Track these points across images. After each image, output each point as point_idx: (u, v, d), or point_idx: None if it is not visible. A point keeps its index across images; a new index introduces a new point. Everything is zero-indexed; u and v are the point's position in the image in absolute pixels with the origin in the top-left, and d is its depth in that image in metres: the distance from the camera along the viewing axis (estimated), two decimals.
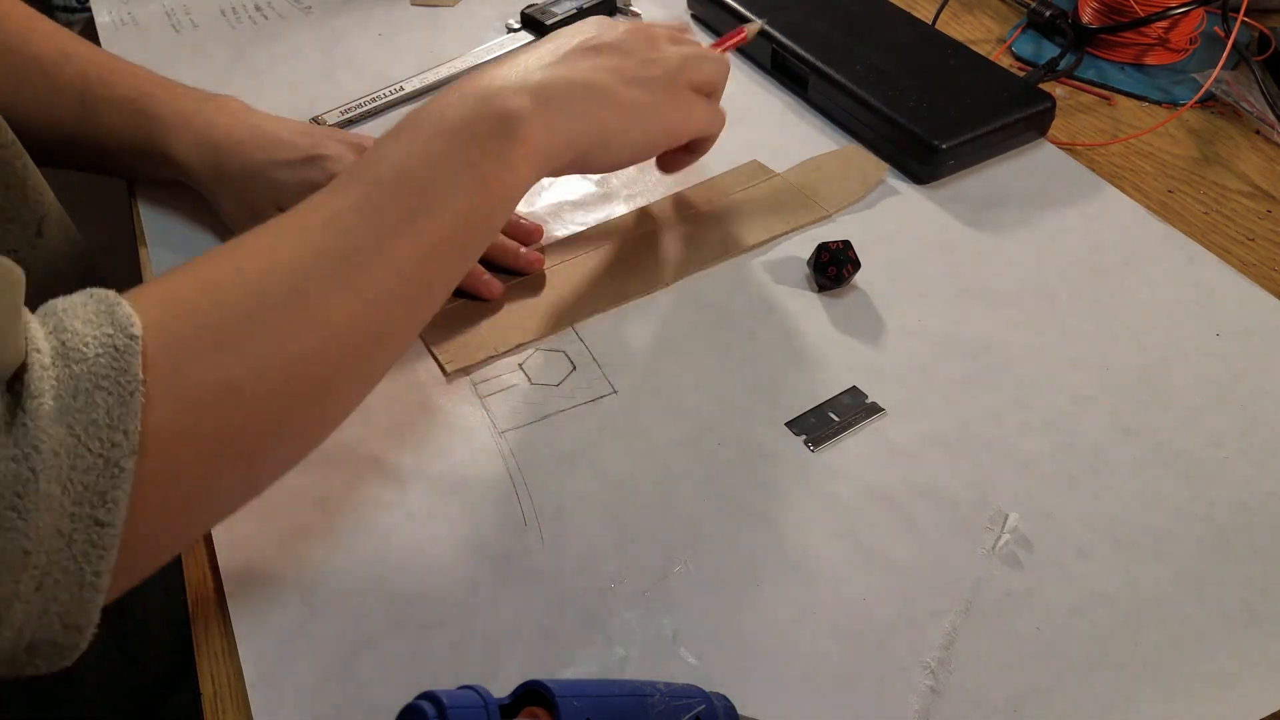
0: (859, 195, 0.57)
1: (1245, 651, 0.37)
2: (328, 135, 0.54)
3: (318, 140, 0.53)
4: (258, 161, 0.52)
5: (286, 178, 0.52)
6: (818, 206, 0.56)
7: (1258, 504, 0.42)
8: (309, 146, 0.53)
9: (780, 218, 0.56)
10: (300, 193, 0.49)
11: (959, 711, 0.36)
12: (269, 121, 0.55)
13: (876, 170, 0.58)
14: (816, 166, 0.59)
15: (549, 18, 0.71)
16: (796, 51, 0.64)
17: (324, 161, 0.52)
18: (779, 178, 0.58)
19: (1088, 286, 0.52)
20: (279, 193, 0.52)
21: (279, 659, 0.37)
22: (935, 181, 0.58)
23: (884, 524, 0.41)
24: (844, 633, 0.38)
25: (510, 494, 0.43)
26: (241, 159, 0.53)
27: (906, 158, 0.59)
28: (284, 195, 0.51)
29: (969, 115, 0.58)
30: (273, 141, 0.53)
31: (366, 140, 0.55)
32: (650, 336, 0.50)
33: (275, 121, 0.55)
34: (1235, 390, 0.46)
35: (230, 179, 0.53)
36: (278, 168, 0.52)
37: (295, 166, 0.52)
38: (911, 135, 0.57)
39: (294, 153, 0.52)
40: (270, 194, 0.52)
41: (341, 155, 0.53)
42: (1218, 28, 0.68)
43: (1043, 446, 0.44)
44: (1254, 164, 0.60)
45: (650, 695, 0.30)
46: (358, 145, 0.54)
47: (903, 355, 0.48)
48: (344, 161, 0.52)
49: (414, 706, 0.28)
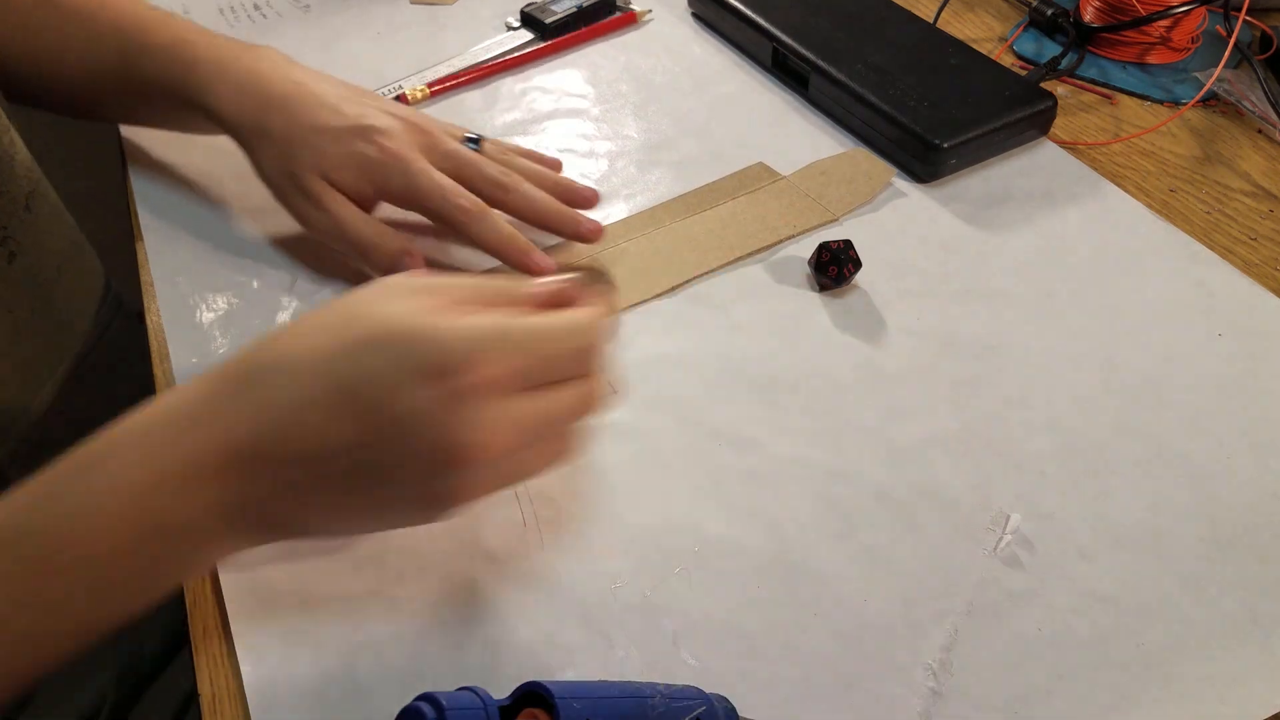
0: (866, 198, 0.57)
1: (1246, 652, 0.37)
2: (375, 102, 0.51)
3: (365, 108, 0.50)
4: (302, 124, 0.49)
5: (331, 147, 0.49)
6: (824, 210, 0.56)
7: (1259, 504, 0.42)
8: (356, 115, 0.49)
9: (786, 221, 0.55)
10: (345, 164, 0.48)
11: (960, 712, 0.36)
12: (312, 77, 0.51)
13: (883, 174, 0.58)
14: (822, 170, 0.59)
15: (548, 16, 0.71)
16: (797, 50, 0.64)
17: (374, 134, 0.49)
18: (784, 180, 0.58)
19: (1089, 286, 0.51)
20: (320, 160, 0.49)
21: (279, 659, 0.37)
22: (937, 180, 0.58)
23: (885, 525, 0.41)
24: (844, 633, 0.38)
25: (510, 494, 0.43)
26: (285, 117, 0.49)
27: (908, 157, 0.58)
28: (326, 163, 0.49)
29: (971, 114, 0.58)
30: (318, 101, 0.50)
31: (418, 115, 0.52)
32: (650, 337, 0.49)
33: (318, 78, 0.52)
34: (1237, 390, 0.46)
35: (272, 138, 0.50)
36: (321, 133, 0.49)
37: (341, 136, 0.49)
38: (913, 134, 0.57)
39: (340, 119, 0.49)
40: (311, 160, 0.49)
41: (391, 129, 0.49)
42: (1219, 27, 0.68)
43: (1044, 447, 0.44)
44: (1256, 163, 0.60)
45: (650, 696, 0.29)
46: (408, 120, 0.51)
47: (903, 355, 0.48)
48: (395, 136, 0.49)
49: (413, 708, 0.28)
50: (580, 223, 0.51)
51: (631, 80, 0.67)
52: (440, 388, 0.32)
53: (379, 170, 0.49)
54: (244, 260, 0.54)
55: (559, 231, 0.52)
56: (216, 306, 0.51)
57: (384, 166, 0.49)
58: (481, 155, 0.51)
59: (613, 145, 0.62)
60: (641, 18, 0.73)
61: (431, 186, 0.49)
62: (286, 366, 0.34)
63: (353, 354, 0.33)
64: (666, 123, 0.63)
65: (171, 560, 0.34)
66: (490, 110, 0.65)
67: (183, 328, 0.50)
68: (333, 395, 0.33)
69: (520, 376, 0.34)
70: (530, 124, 0.64)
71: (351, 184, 0.49)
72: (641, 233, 0.55)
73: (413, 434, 0.32)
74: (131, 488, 0.33)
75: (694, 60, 0.69)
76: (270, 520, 0.35)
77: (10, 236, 0.52)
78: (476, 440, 0.33)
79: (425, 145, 0.50)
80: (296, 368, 0.34)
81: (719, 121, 0.63)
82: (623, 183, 0.59)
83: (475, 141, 0.53)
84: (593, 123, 0.64)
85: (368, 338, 0.34)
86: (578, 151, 0.61)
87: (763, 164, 0.59)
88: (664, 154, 0.61)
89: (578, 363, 0.36)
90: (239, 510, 0.34)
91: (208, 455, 0.33)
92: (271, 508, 0.34)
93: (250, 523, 0.34)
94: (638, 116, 0.64)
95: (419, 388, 0.32)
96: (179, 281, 0.53)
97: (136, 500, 0.33)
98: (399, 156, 0.49)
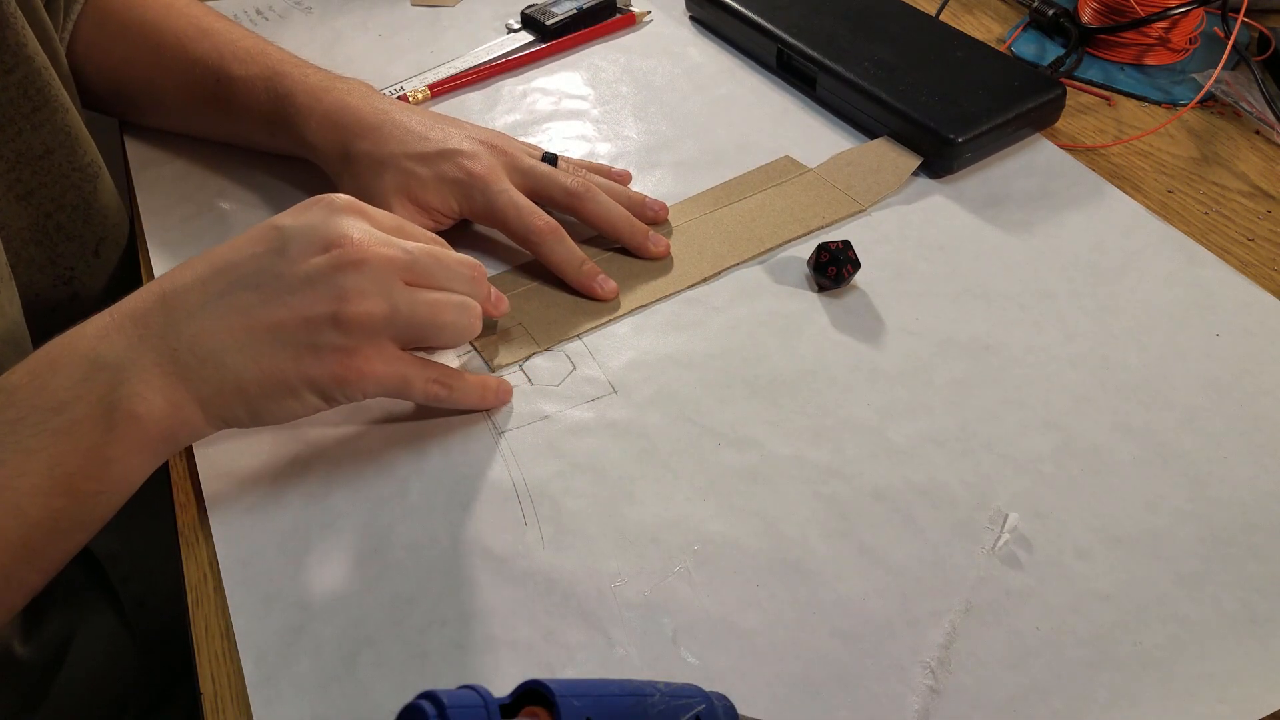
0: (893, 187, 0.57)
1: (1245, 651, 0.37)
2: (457, 128, 0.54)
3: (449, 133, 0.53)
4: (390, 149, 0.52)
5: (418, 169, 0.51)
6: (851, 201, 0.56)
7: (1257, 504, 0.42)
8: (441, 139, 0.52)
9: (815, 212, 0.56)
10: (430, 185, 0.51)
11: (959, 711, 0.36)
12: (398, 108, 0.54)
13: (908, 162, 0.58)
14: (848, 161, 0.59)
15: (549, 18, 0.71)
16: (803, 50, 0.64)
17: (457, 156, 0.52)
18: (811, 173, 0.58)
19: (1087, 286, 0.52)
20: (408, 182, 0.51)
21: (279, 659, 0.37)
22: (950, 175, 0.58)
23: (884, 524, 0.41)
24: (844, 632, 0.38)
25: (510, 494, 0.43)
26: (372, 143, 0.52)
27: (921, 152, 0.58)
28: (413, 184, 0.51)
29: (982, 106, 0.58)
30: (404, 129, 0.53)
31: (494, 136, 0.55)
32: (650, 337, 0.50)
33: (404, 108, 0.55)
34: (1235, 390, 0.46)
35: (360, 163, 0.52)
36: (408, 158, 0.52)
37: (428, 158, 0.52)
38: (927, 130, 0.57)
39: (426, 144, 0.52)
40: (398, 183, 0.51)
41: (476, 152, 0.52)
42: (1217, 28, 0.68)
43: (1042, 446, 0.44)
44: (1254, 164, 0.60)
45: (650, 695, 0.30)
46: (487, 142, 0.54)
47: (902, 355, 0.48)
48: (478, 159, 0.52)
49: (414, 706, 0.28)
50: (648, 238, 0.53)
51: (631, 81, 0.68)
52: (327, 255, 0.40)
53: (462, 190, 0.52)
54: None
55: (627, 244, 0.53)
56: None
57: (467, 186, 0.51)
58: (557, 171, 0.54)
59: (613, 146, 0.62)
60: (641, 19, 0.73)
61: (509, 205, 0.51)
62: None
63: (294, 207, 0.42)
64: (666, 124, 0.64)
65: (117, 405, 0.37)
66: (491, 112, 0.65)
67: None
68: (240, 240, 0.41)
69: (398, 267, 0.41)
70: (531, 125, 0.64)
71: (438, 204, 0.52)
72: (672, 225, 0.56)
73: (302, 269, 0.39)
74: (82, 330, 0.38)
75: (694, 61, 0.69)
76: (193, 352, 0.38)
77: (76, 278, 0.53)
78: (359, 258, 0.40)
79: (505, 164, 0.53)
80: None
81: (719, 122, 0.63)
82: None
83: (551, 159, 0.55)
84: (593, 124, 0.64)
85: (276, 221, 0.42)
86: (578, 153, 0.61)
87: (789, 157, 0.59)
88: (664, 155, 0.61)
89: (451, 278, 0.43)
90: (161, 341, 0.38)
91: (133, 305, 0.39)
92: (188, 333, 0.38)
93: (176, 361, 0.38)
94: (637, 117, 0.64)
95: (311, 249, 0.40)
96: None
97: (72, 345, 0.38)
98: (481, 177, 0.51)
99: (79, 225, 0.53)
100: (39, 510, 0.36)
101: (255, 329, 0.39)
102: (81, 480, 0.36)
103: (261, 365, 0.39)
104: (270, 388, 0.39)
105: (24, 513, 0.35)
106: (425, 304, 0.42)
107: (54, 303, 0.53)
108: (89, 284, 0.54)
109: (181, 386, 0.38)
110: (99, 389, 0.37)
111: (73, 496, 0.36)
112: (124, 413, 0.37)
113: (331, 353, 0.40)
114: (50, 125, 0.52)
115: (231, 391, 0.39)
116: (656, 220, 0.55)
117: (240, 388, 0.39)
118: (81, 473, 0.36)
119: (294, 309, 0.39)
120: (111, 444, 0.37)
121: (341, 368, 0.40)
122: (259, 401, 0.40)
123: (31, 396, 0.36)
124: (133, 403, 0.37)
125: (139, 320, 0.39)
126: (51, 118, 0.52)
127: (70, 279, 0.53)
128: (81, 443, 0.36)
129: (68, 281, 0.53)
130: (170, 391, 0.38)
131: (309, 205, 0.42)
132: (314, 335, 0.39)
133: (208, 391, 0.39)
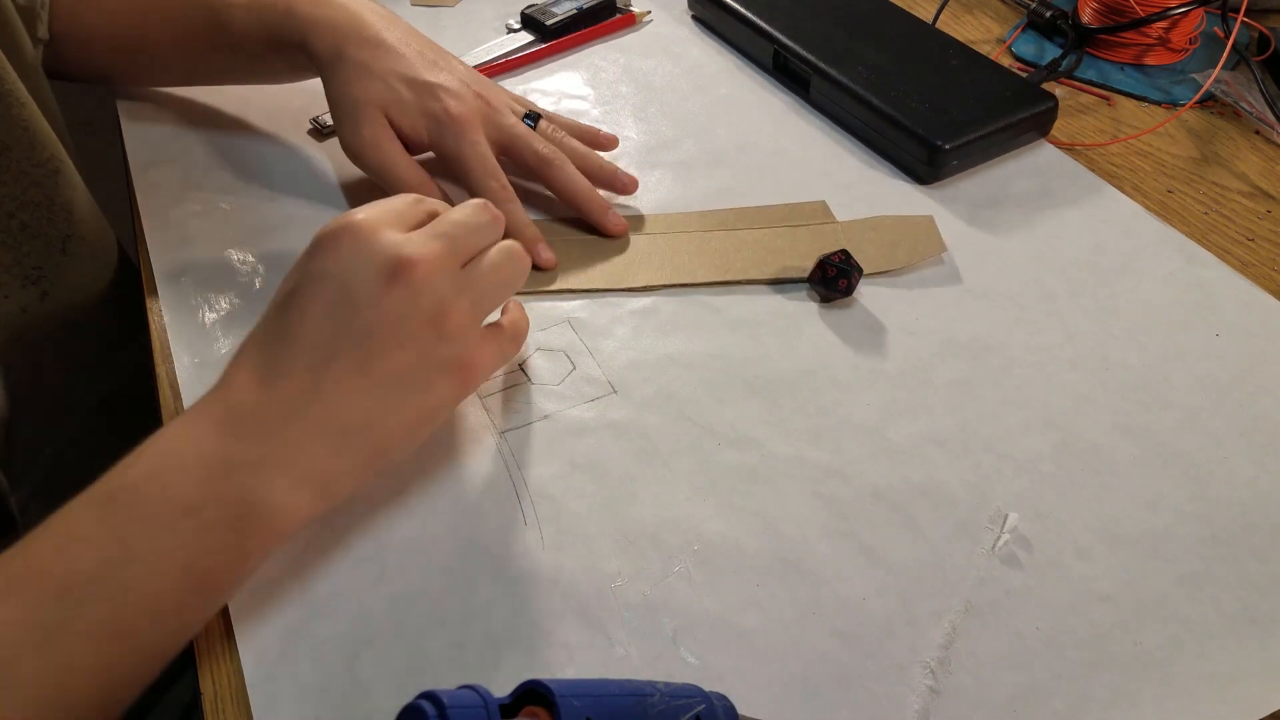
0: (900, 265, 0.53)
1: (1244, 651, 0.37)
2: (452, 65, 0.55)
3: (441, 68, 0.54)
4: (383, 63, 0.53)
5: (402, 91, 0.53)
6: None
7: (1257, 504, 0.42)
8: (433, 72, 0.54)
9: (808, 261, 0.52)
10: (409, 112, 0.53)
11: (958, 711, 0.36)
12: (397, 27, 0.55)
13: (934, 248, 0.54)
14: (875, 226, 0.55)
15: (549, 18, 0.71)
16: (798, 52, 0.64)
17: (443, 92, 0.53)
18: (835, 225, 0.55)
19: (1087, 286, 0.52)
20: (390, 98, 0.52)
21: (279, 659, 0.37)
22: (938, 182, 0.58)
23: (884, 524, 0.41)
24: (844, 632, 0.38)
25: (510, 494, 0.43)
26: (369, 53, 0.53)
27: (910, 158, 0.59)
28: (393, 103, 0.52)
29: (972, 115, 0.58)
30: (399, 54, 0.54)
31: (487, 86, 0.56)
32: (651, 337, 0.50)
33: (404, 29, 0.56)
34: (1234, 390, 0.46)
35: (352, 66, 0.53)
36: (398, 77, 0.53)
37: (415, 85, 0.53)
38: (915, 136, 0.57)
39: (417, 71, 0.53)
40: (382, 96, 0.52)
41: (462, 94, 0.53)
42: (1217, 28, 0.68)
43: (1042, 446, 0.44)
44: (1253, 164, 0.60)
45: (650, 695, 0.30)
46: (477, 89, 0.54)
47: (901, 355, 0.48)
48: (462, 100, 0.53)
49: (414, 706, 0.28)
50: (607, 214, 0.54)
51: (631, 82, 0.68)
52: (399, 284, 0.38)
53: (438, 125, 0.53)
54: (246, 261, 0.54)
55: (587, 216, 0.54)
56: (219, 307, 0.51)
57: (443, 124, 0.53)
58: (535, 132, 0.55)
59: None
60: (641, 19, 0.73)
61: (475, 157, 0.52)
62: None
63: (312, 253, 0.40)
64: (666, 124, 0.64)
65: (254, 505, 0.36)
66: None
67: (185, 328, 0.50)
68: (293, 303, 0.39)
69: (451, 256, 0.40)
70: None
71: (409, 129, 0.53)
72: (667, 230, 0.56)
73: (387, 309, 0.38)
74: (189, 431, 0.36)
75: (693, 62, 0.69)
76: (333, 430, 0.37)
77: (44, 276, 0.53)
78: (439, 305, 0.39)
79: (486, 116, 0.54)
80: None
81: (719, 123, 0.63)
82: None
83: (534, 118, 0.56)
84: (593, 124, 0.64)
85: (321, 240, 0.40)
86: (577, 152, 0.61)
87: (824, 203, 0.57)
88: (664, 155, 0.61)
89: (485, 235, 0.43)
90: (285, 429, 0.37)
91: (237, 398, 0.37)
92: (318, 415, 0.37)
93: (316, 443, 0.37)
94: (637, 118, 0.64)
95: (379, 287, 0.38)
96: (181, 281, 0.53)
97: (189, 442, 0.36)
98: (459, 120, 0.52)
99: (43, 222, 0.52)
100: (171, 609, 0.35)
101: (384, 384, 0.38)
102: (217, 576, 0.35)
103: (404, 414, 0.39)
104: (418, 428, 0.40)
105: (156, 613, 0.34)
106: (488, 275, 0.42)
107: (23, 303, 0.52)
108: (59, 283, 0.54)
109: (329, 464, 0.37)
110: (236, 490, 0.35)
111: (205, 594, 0.35)
112: (263, 509, 0.36)
113: (452, 367, 0.40)
114: (6, 121, 0.51)
115: (384, 447, 0.39)
116: (625, 191, 0.56)
117: (392, 440, 0.39)
118: (218, 569, 0.35)
119: (406, 347, 0.38)
120: (249, 541, 0.36)
121: (463, 376, 0.41)
122: (407, 444, 0.40)
123: (157, 495, 0.35)
124: (271, 498, 0.36)
125: (258, 414, 0.37)
126: (7, 113, 0.51)
127: (39, 278, 0.52)
128: (218, 543, 0.35)
129: (36, 281, 0.52)
130: (311, 477, 0.37)
131: (334, 242, 0.39)
132: (432, 361, 0.39)
133: (358, 460, 0.38)
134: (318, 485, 0.37)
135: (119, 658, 0.33)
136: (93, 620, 0.33)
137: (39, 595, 0.32)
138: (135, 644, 0.34)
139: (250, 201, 0.58)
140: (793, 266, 0.53)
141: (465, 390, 0.41)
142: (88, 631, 0.32)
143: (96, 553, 0.33)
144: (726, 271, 0.53)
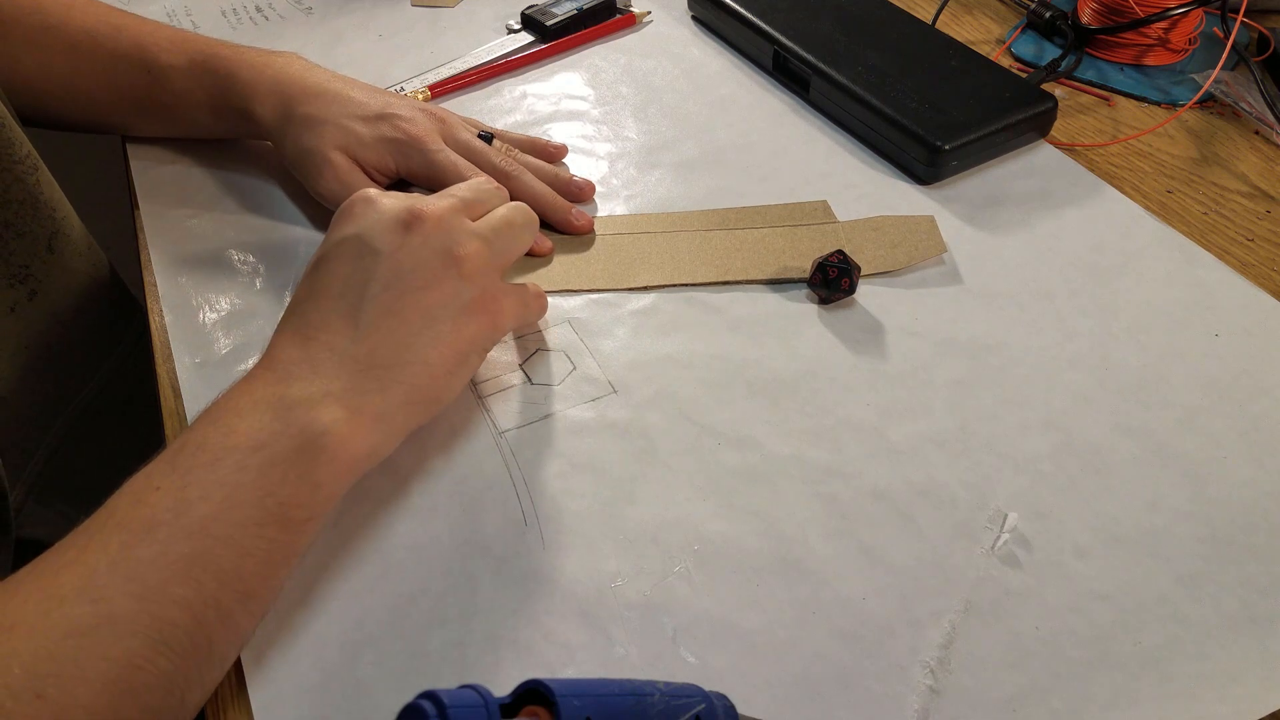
0: (901, 265, 0.53)
1: (1244, 651, 0.37)
2: (396, 98, 0.57)
3: (389, 100, 0.56)
4: (332, 110, 0.54)
5: (358, 128, 0.54)
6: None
7: (1256, 503, 0.42)
8: (381, 104, 0.55)
9: (808, 261, 0.52)
10: (369, 144, 0.54)
11: (958, 711, 0.36)
12: (338, 77, 0.57)
13: (934, 248, 0.54)
14: (875, 226, 0.55)
15: (549, 18, 0.71)
16: (798, 53, 0.64)
17: (396, 119, 0.54)
18: (836, 225, 0.55)
19: (1087, 286, 0.52)
20: (346, 138, 0.53)
21: (279, 659, 0.37)
22: (937, 183, 0.58)
23: (884, 524, 0.41)
24: (844, 632, 0.38)
25: (510, 494, 0.43)
26: (316, 106, 0.54)
27: (909, 158, 0.59)
28: (353, 141, 0.54)
29: (972, 116, 0.58)
30: (346, 93, 0.55)
31: (437, 109, 0.57)
32: (651, 338, 0.50)
33: (344, 78, 0.57)
34: (1234, 390, 0.46)
35: (298, 123, 0.54)
36: (350, 118, 0.54)
37: (368, 119, 0.54)
38: (915, 136, 0.57)
39: (366, 108, 0.55)
40: (337, 139, 0.53)
41: (414, 117, 0.55)
42: (1217, 28, 0.68)
43: (1042, 446, 0.44)
44: (1253, 164, 0.60)
45: (650, 695, 0.30)
46: (428, 110, 0.56)
47: (901, 355, 0.48)
48: (416, 123, 0.54)
49: (414, 706, 0.28)
50: (570, 214, 0.56)
51: (631, 82, 0.68)
52: (414, 231, 0.42)
53: (400, 149, 0.54)
54: (247, 261, 0.54)
55: (552, 220, 0.56)
56: (219, 307, 0.51)
57: (405, 146, 0.54)
58: (490, 148, 0.56)
59: (613, 147, 0.62)
60: (641, 19, 0.73)
61: (446, 163, 0.54)
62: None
63: (333, 227, 0.43)
64: (666, 124, 0.64)
65: (319, 433, 0.37)
66: (491, 112, 0.65)
67: (186, 328, 0.50)
68: (322, 267, 0.42)
69: (461, 209, 0.44)
70: (531, 126, 0.64)
71: (375, 161, 0.54)
72: (668, 230, 0.55)
73: (407, 254, 0.41)
74: (243, 388, 0.38)
75: (693, 62, 0.69)
76: (378, 364, 0.39)
77: (31, 275, 0.53)
78: (461, 246, 0.42)
79: (442, 132, 0.56)
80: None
81: (719, 123, 0.64)
82: (623, 184, 0.59)
83: (487, 138, 0.58)
84: (593, 124, 0.64)
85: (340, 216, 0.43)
86: (578, 152, 0.62)
87: (825, 204, 0.57)
88: (664, 155, 0.61)
89: (491, 199, 0.46)
90: (338, 368, 0.39)
91: (285, 354, 0.40)
92: (362, 352, 0.39)
93: (366, 378, 0.39)
94: (637, 118, 0.64)
95: (397, 235, 0.42)
96: (182, 282, 0.53)
97: (248, 394, 0.38)
98: (418, 138, 0.54)
99: (28, 220, 0.52)
100: (252, 541, 0.35)
101: (415, 320, 0.41)
102: (293, 508, 0.36)
103: (441, 350, 0.41)
104: (457, 367, 0.42)
105: (239, 545, 0.34)
106: (499, 225, 0.45)
107: (12, 302, 0.52)
108: (46, 281, 0.54)
109: (378, 399, 0.39)
110: (297, 423, 0.37)
111: (285, 526, 0.36)
112: (326, 438, 0.37)
113: (477, 306, 0.42)
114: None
115: (426, 383, 0.40)
116: (582, 198, 0.58)
117: (432, 377, 0.41)
118: (293, 501, 0.36)
119: (431, 288, 0.41)
120: (319, 469, 0.37)
121: (489, 314, 0.43)
122: (448, 384, 0.42)
123: (222, 440, 0.36)
124: (336, 427, 0.37)
125: (304, 362, 0.39)
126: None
127: (26, 276, 0.52)
128: (290, 472, 0.36)
129: (24, 280, 0.52)
130: (368, 409, 0.39)
131: (352, 209, 0.43)
132: (456, 299, 0.42)
133: (403, 392, 0.40)
134: (372, 417, 0.39)
135: (210, 591, 0.34)
136: (178, 555, 0.33)
137: (125, 537, 0.33)
138: (222, 578, 0.34)
139: (251, 202, 0.58)
140: (793, 266, 0.53)
141: (494, 332, 0.44)
142: (174, 566, 0.33)
143: (174, 495, 0.34)
144: (727, 271, 0.53)
